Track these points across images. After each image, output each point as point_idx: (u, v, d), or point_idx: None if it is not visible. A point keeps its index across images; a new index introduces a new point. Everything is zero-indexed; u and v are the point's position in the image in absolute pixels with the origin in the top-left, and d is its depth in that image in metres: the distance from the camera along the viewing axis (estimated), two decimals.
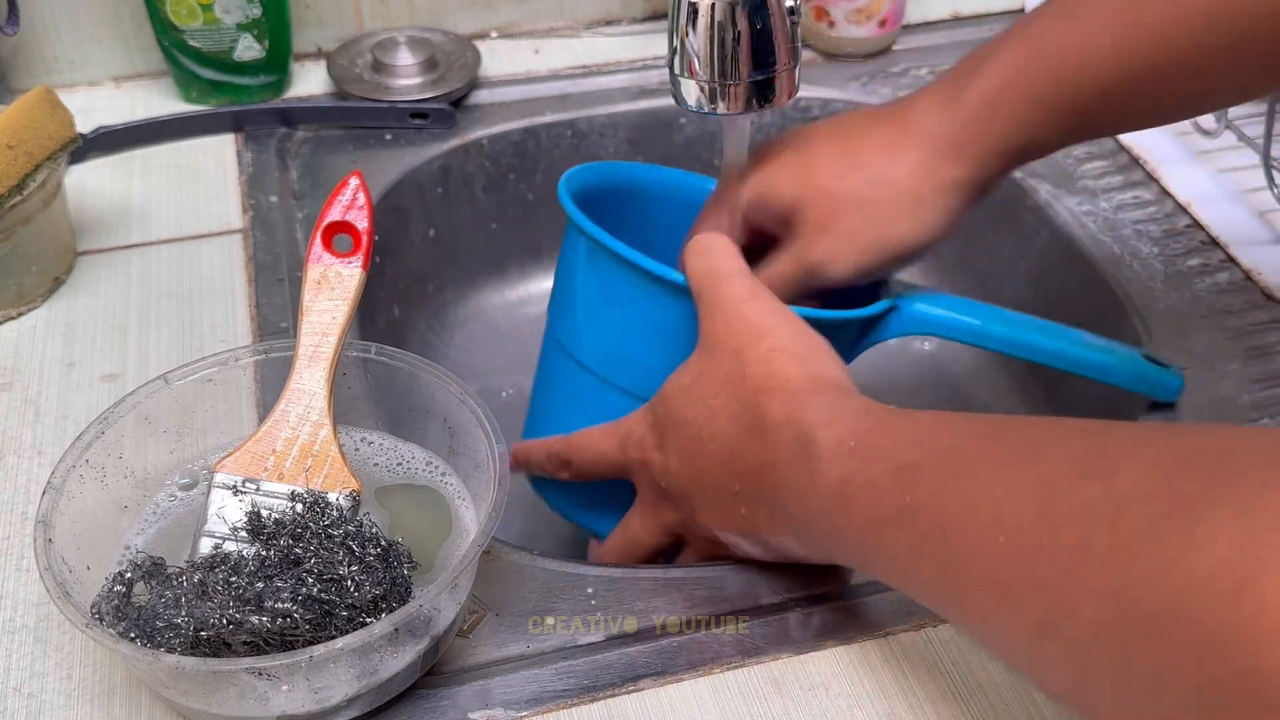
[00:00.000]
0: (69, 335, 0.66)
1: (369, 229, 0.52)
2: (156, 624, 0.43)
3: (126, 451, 0.51)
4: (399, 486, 0.53)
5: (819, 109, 0.87)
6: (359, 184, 0.53)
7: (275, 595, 0.43)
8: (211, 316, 0.67)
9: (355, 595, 0.44)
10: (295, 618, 0.43)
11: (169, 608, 0.43)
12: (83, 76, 0.86)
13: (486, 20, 0.92)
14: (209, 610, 0.43)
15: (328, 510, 0.47)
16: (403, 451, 0.54)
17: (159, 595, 0.44)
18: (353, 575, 0.44)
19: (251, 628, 0.42)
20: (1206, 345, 0.66)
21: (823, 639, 0.50)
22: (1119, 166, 0.80)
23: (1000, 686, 0.48)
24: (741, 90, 0.52)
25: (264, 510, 0.48)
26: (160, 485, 0.52)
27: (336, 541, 0.46)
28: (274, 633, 0.43)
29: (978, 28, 0.94)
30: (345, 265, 0.52)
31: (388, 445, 0.55)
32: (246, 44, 0.82)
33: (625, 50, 0.90)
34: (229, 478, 0.49)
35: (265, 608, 0.43)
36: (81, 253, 0.72)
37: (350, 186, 0.53)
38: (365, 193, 0.53)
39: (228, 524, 0.48)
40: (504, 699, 0.48)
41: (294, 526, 0.46)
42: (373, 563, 0.45)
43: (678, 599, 0.52)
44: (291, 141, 0.81)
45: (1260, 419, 0.61)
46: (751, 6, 0.50)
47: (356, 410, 0.55)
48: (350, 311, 0.51)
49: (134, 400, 0.51)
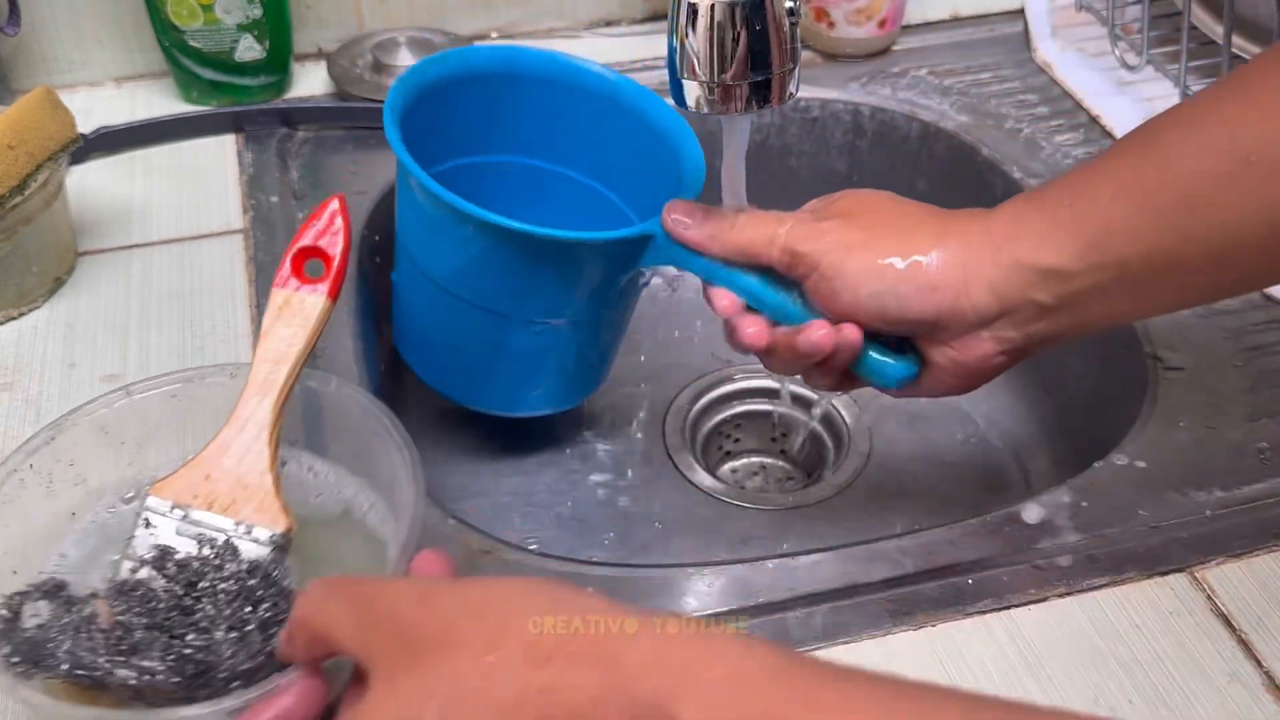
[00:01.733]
0: (70, 335, 0.66)
1: (342, 257, 0.50)
2: (42, 651, 0.42)
3: (79, 460, 0.50)
4: (337, 524, 0.51)
5: (819, 109, 0.87)
6: (337, 209, 0.51)
7: (149, 649, 0.42)
8: (212, 317, 0.67)
9: (230, 661, 0.42)
10: (160, 677, 0.41)
11: (56, 637, 0.42)
12: (83, 77, 0.86)
13: (486, 21, 0.92)
14: (83, 654, 0.42)
15: (234, 559, 0.46)
16: (348, 488, 0.52)
17: (55, 620, 0.43)
18: (230, 641, 0.42)
19: (119, 680, 0.41)
20: (1206, 345, 0.66)
21: (822, 639, 0.50)
22: None
23: (1000, 687, 0.48)
24: (741, 90, 0.52)
25: (177, 546, 0.46)
26: (115, 497, 0.51)
27: (228, 598, 0.44)
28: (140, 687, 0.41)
29: (977, 28, 0.94)
30: (311, 292, 0.50)
31: (334, 479, 0.52)
32: (247, 44, 0.82)
33: (625, 51, 0.91)
34: (160, 502, 0.47)
35: (132, 664, 0.41)
36: (82, 253, 0.72)
37: (328, 211, 0.51)
38: (344, 218, 0.51)
39: (141, 553, 0.46)
40: None
41: (192, 574, 0.45)
42: (252, 633, 0.43)
43: (678, 598, 0.52)
44: (292, 142, 0.81)
45: (1259, 419, 0.61)
46: (751, 7, 0.50)
47: (309, 440, 0.53)
48: (309, 341, 0.50)
49: (90, 409, 0.50)
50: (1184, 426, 0.61)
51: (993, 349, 0.52)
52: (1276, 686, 0.49)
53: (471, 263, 0.59)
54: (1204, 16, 0.83)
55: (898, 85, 0.87)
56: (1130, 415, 0.63)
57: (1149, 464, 0.59)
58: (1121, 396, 0.67)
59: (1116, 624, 0.51)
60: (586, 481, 0.73)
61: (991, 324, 0.51)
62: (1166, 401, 0.62)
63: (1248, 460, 0.59)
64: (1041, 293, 0.50)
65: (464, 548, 0.55)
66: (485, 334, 0.61)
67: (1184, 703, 0.48)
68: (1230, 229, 0.47)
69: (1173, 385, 0.63)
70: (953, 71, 0.89)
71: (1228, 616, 0.51)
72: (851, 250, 0.52)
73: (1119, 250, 0.48)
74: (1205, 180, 0.47)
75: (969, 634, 0.51)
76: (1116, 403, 0.67)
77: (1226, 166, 0.47)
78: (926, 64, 0.89)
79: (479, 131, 0.65)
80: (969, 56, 0.90)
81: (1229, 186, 0.47)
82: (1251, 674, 0.49)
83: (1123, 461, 0.59)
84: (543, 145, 0.67)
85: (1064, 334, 0.52)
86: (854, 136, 0.87)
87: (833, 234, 0.52)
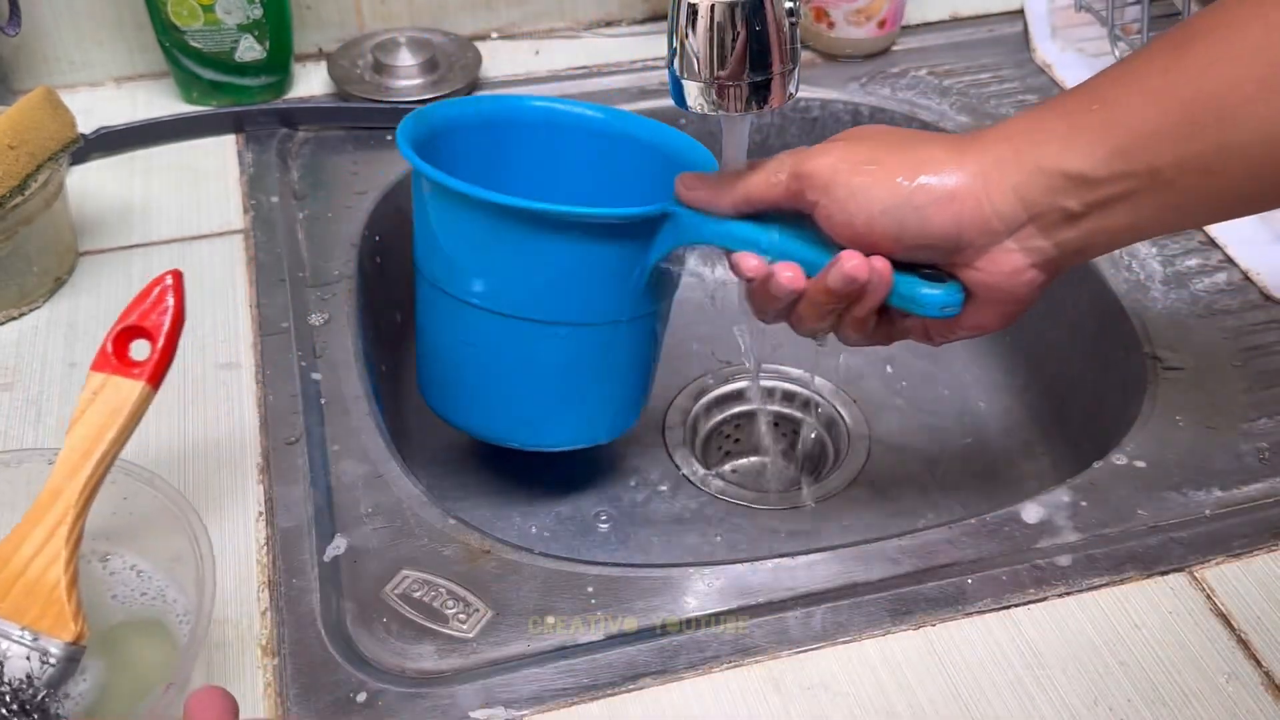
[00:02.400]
0: (70, 335, 0.66)
1: (168, 338, 0.45)
2: None
3: None
4: (137, 623, 0.48)
5: (819, 109, 0.87)
6: (170, 285, 0.46)
7: None
8: (213, 317, 0.67)
9: None
10: None
11: None
12: (84, 77, 0.86)
13: (487, 21, 0.92)
14: None
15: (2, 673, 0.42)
16: (154, 583, 0.49)
17: None
18: None
19: None
20: (1205, 345, 0.66)
21: (822, 639, 0.50)
22: None
23: (1000, 687, 0.48)
24: (741, 91, 0.52)
25: None
26: None
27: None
28: None
29: (977, 28, 0.94)
30: (129, 377, 0.46)
31: (158, 579, 0.50)
32: (247, 45, 0.82)
33: (625, 51, 0.91)
34: None
35: None
36: (83, 253, 0.72)
37: (158, 287, 0.46)
38: (176, 296, 0.46)
39: None
40: (504, 698, 0.48)
41: None
42: None
43: (678, 598, 0.52)
44: (292, 142, 0.81)
45: (1259, 419, 0.61)
46: (751, 8, 0.50)
47: (114, 533, 0.50)
48: (121, 432, 0.46)
49: None
50: (1183, 426, 0.61)
51: (1023, 261, 0.50)
52: (1275, 686, 0.49)
53: (491, 261, 0.58)
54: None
55: (897, 85, 0.87)
56: (1130, 415, 0.63)
57: (1148, 464, 0.59)
58: (1121, 397, 0.67)
59: (1116, 624, 0.51)
60: (586, 481, 0.74)
61: (1018, 231, 0.49)
62: (1166, 401, 0.62)
63: (1247, 460, 0.59)
64: (1068, 198, 0.48)
65: (464, 547, 0.55)
66: (514, 348, 0.60)
67: (1183, 702, 0.48)
68: (1271, 140, 0.45)
69: (1172, 385, 0.63)
70: (952, 72, 0.89)
71: (1227, 616, 0.51)
72: (860, 168, 0.50)
73: (1149, 159, 0.46)
74: (1246, 87, 0.45)
75: (969, 634, 0.51)
76: (1116, 403, 0.67)
77: (1268, 72, 0.44)
78: (926, 64, 0.89)
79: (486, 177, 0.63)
80: (968, 57, 0.90)
81: (1271, 94, 0.44)
82: (1250, 673, 0.49)
83: (1122, 461, 0.59)
84: (551, 186, 0.66)
85: (1095, 245, 0.50)
86: None
87: (838, 152, 0.51)
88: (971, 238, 0.49)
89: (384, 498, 0.57)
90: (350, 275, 0.71)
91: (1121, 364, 0.68)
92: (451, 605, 0.52)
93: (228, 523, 0.56)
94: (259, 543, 0.55)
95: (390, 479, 0.58)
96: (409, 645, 0.51)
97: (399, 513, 0.56)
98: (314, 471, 0.58)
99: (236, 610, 0.52)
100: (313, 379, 0.63)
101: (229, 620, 0.51)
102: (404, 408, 0.75)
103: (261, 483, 0.58)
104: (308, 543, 0.55)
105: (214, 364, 0.64)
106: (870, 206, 0.49)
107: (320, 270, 0.71)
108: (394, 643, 0.51)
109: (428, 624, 0.51)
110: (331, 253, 0.72)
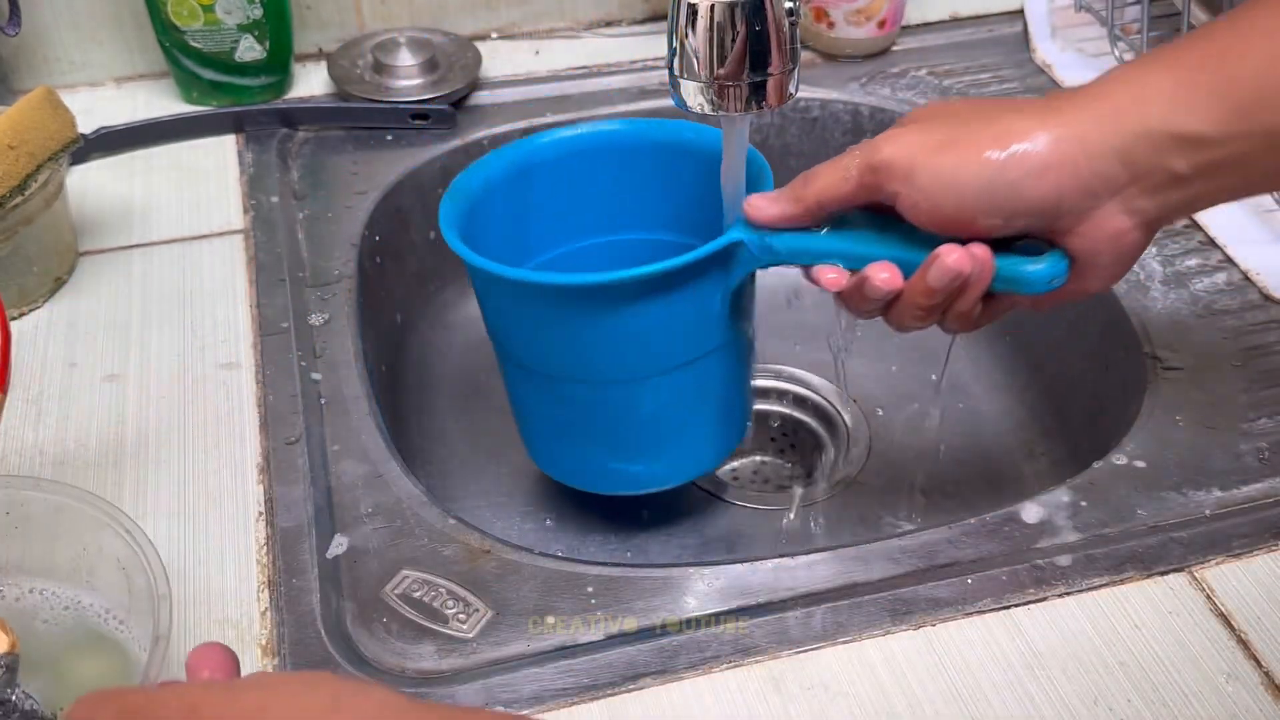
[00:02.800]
0: (71, 335, 0.66)
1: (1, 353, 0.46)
2: None
3: None
4: (76, 641, 0.48)
5: (819, 109, 0.87)
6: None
7: None
8: (213, 317, 0.67)
9: None
10: None
11: None
12: (84, 77, 0.86)
13: (487, 21, 0.92)
14: None
15: None
16: (78, 601, 0.49)
17: None
18: None
19: None
20: (1205, 345, 0.66)
21: (822, 639, 0.50)
22: None
23: (1000, 687, 0.48)
24: (741, 91, 0.52)
25: None
26: None
27: None
28: None
29: (977, 28, 0.94)
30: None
31: (68, 593, 0.49)
32: (247, 45, 0.82)
33: (625, 51, 0.91)
34: None
35: None
36: (83, 253, 0.72)
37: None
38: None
39: None
40: (505, 698, 0.48)
41: None
42: None
43: (678, 598, 0.52)
44: (292, 142, 0.81)
45: (1258, 418, 0.61)
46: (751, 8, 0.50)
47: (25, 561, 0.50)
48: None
49: None
50: (1183, 426, 0.61)
51: (1126, 224, 0.47)
52: (1275, 686, 0.49)
53: (573, 337, 0.56)
54: (1204, 17, 0.83)
55: (897, 86, 0.87)
56: (1130, 415, 0.63)
57: (1148, 464, 0.59)
58: (1121, 396, 0.67)
59: (1116, 624, 0.51)
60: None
61: (1120, 192, 0.46)
62: (1166, 401, 0.62)
63: (1247, 460, 0.59)
64: (1177, 160, 0.45)
65: (464, 547, 0.55)
66: (612, 408, 0.59)
67: (1183, 702, 0.48)
68: None
69: (1172, 385, 0.63)
70: (952, 72, 0.89)
71: (1226, 616, 0.52)
72: (942, 149, 0.47)
73: (1274, 119, 0.44)
74: None
75: (969, 634, 0.51)
76: (1116, 403, 0.67)
77: None
78: (926, 64, 0.90)
79: (518, 224, 0.62)
80: (968, 57, 0.90)
81: None
82: (1250, 673, 0.49)
83: (1122, 461, 0.59)
84: (608, 218, 0.65)
85: (1198, 204, 0.47)
86: (854, 137, 0.87)
87: (913, 135, 0.48)
88: (1072, 203, 0.46)
89: (384, 498, 0.57)
90: (350, 275, 0.71)
91: (1121, 364, 0.68)
92: (451, 605, 0.52)
93: (228, 523, 0.56)
94: (259, 543, 0.55)
95: (390, 479, 0.58)
96: (409, 645, 0.51)
97: (399, 513, 0.56)
98: (314, 471, 0.58)
99: (236, 610, 0.52)
100: (313, 379, 0.64)
101: (229, 620, 0.51)
102: (404, 408, 0.75)
103: (261, 482, 0.58)
104: (308, 543, 0.55)
105: (214, 364, 0.64)
106: (960, 188, 0.46)
107: (320, 270, 0.71)
108: (394, 643, 0.51)
109: (428, 624, 0.51)
110: (331, 253, 0.72)
